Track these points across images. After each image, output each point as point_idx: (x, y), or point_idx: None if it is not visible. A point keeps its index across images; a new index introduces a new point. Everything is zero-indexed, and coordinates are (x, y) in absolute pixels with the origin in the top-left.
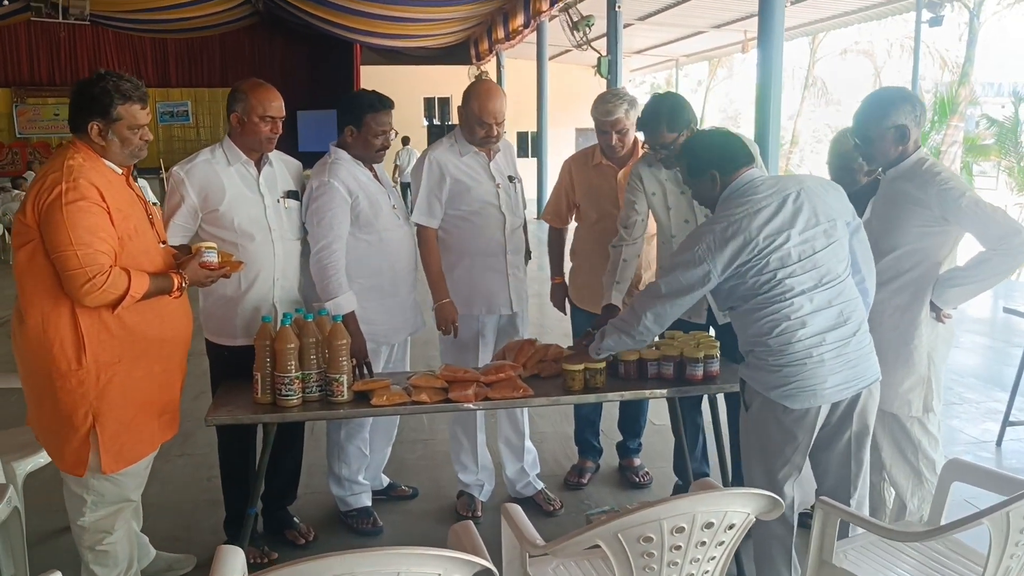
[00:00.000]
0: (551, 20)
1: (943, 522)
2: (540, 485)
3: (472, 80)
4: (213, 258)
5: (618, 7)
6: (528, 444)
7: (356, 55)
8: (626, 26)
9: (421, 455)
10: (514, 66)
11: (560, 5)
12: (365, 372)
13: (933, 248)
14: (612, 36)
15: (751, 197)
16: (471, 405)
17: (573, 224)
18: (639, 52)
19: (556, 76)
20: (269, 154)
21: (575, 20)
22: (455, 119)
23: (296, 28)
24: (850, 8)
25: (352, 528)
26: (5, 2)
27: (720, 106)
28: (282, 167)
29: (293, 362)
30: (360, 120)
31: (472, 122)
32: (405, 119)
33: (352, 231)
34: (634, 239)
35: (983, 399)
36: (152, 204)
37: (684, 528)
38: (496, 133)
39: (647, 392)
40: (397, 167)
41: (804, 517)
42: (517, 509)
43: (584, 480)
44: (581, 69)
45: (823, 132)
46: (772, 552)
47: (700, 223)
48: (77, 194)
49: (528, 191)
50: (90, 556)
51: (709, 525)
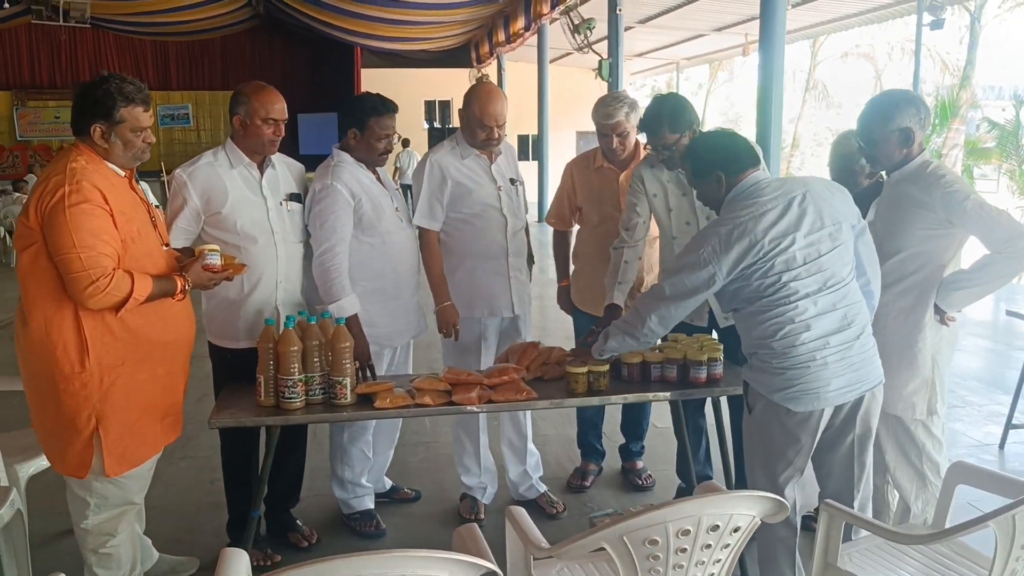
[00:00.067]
0: (552, 23)
1: (948, 525)
2: (543, 488)
3: (473, 83)
4: (216, 260)
5: (619, 10)
6: (531, 447)
7: (357, 58)
8: (627, 29)
9: (423, 458)
10: (515, 69)
11: (561, 8)
12: (368, 375)
13: (937, 251)
14: (613, 39)
15: (756, 199)
16: (474, 408)
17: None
18: (640, 55)
19: (557, 79)
20: (271, 157)
21: (576, 23)
22: (456, 122)
23: (297, 31)
24: (851, 11)
25: (355, 531)
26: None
27: (721, 109)
28: (284, 170)
29: (296, 365)
30: (363, 123)
31: (473, 125)
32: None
33: (355, 234)
34: (635, 241)
35: (985, 402)
36: (154, 207)
37: (690, 531)
38: (497, 136)
39: (651, 395)
40: (398, 169)
41: (807, 520)
42: (522, 512)
43: (587, 483)
44: (582, 72)
45: (824, 135)
46: (776, 555)
47: (703, 225)
48: (80, 196)
49: (528, 194)
50: (93, 559)
51: (715, 528)
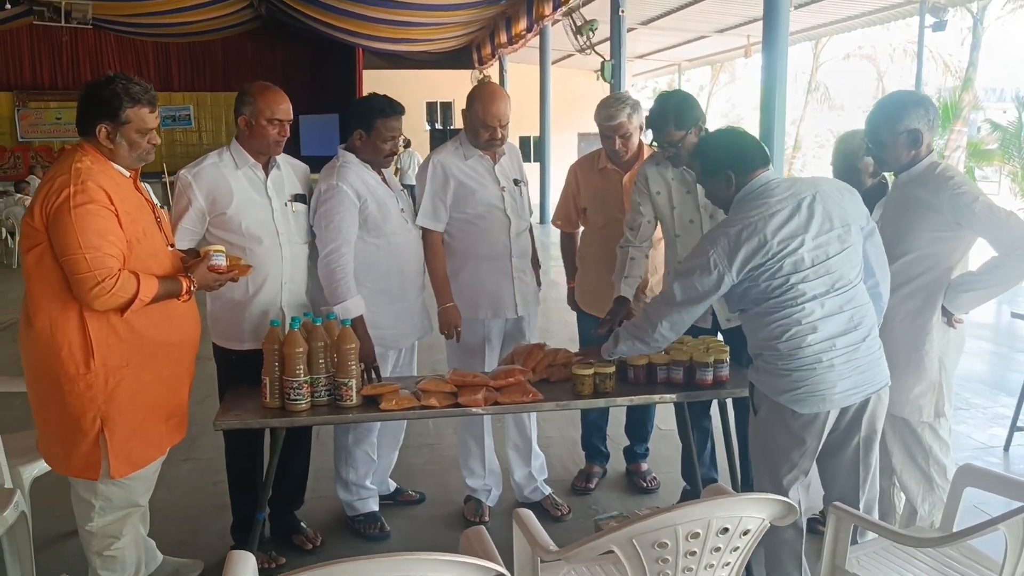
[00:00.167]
0: (554, 24)
1: (955, 527)
2: (548, 490)
3: (475, 84)
4: (221, 261)
5: (622, 11)
6: (536, 449)
7: (358, 59)
8: (629, 30)
9: (428, 460)
10: (516, 70)
11: (563, 10)
12: (373, 376)
13: (945, 253)
14: (615, 40)
15: (766, 200)
16: (480, 409)
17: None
18: (641, 56)
19: (558, 80)
20: (276, 157)
21: (579, 24)
22: (457, 123)
23: (298, 32)
24: (854, 13)
25: (359, 533)
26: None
27: (722, 111)
28: (289, 170)
29: (302, 366)
30: (370, 124)
31: (477, 125)
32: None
33: (360, 235)
34: (641, 242)
35: (989, 404)
36: (159, 207)
37: (699, 534)
38: (501, 136)
39: (657, 397)
40: (399, 169)
41: (812, 523)
42: (529, 515)
43: (591, 485)
44: (583, 74)
45: (825, 137)
46: (782, 557)
47: (707, 223)
48: (85, 197)
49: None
50: (98, 561)
51: (724, 531)
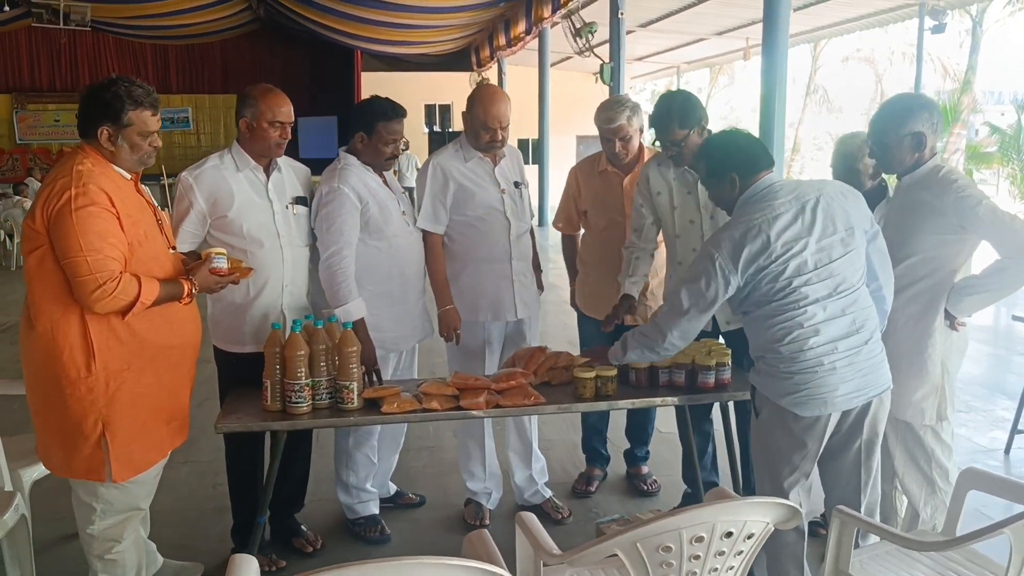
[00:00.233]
0: (553, 27)
1: (959, 531)
2: (548, 493)
3: (473, 87)
4: (223, 264)
5: (621, 14)
6: (537, 452)
7: (357, 61)
8: (628, 33)
9: (427, 463)
10: (515, 73)
11: (562, 12)
12: (375, 379)
13: (949, 256)
14: (615, 43)
15: (770, 202)
16: (482, 412)
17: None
18: (640, 59)
19: (557, 83)
20: (278, 160)
21: (578, 27)
22: (456, 126)
23: (297, 35)
24: (853, 15)
25: (360, 536)
26: (6, 8)
27: (721, 114)
28: (290, 173)
29: (303, 369)
30: (372, 127)
31: (477, 127)
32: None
33: (362, 237)
34: (646, 243)
35: (989, 407)
36: (160, 209)
37: (703, 538)
38: (501, 138)
39: (658, 400)
40: (396, 171)
41: (813, 526)
42: (532, 518)
43: (592, 488)
44: (582, 76)
45: (824, 139)
46: (784, 561)
47: (707, 224)
48: (87, 199)
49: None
50: (99, 565)
51: (728, 535)
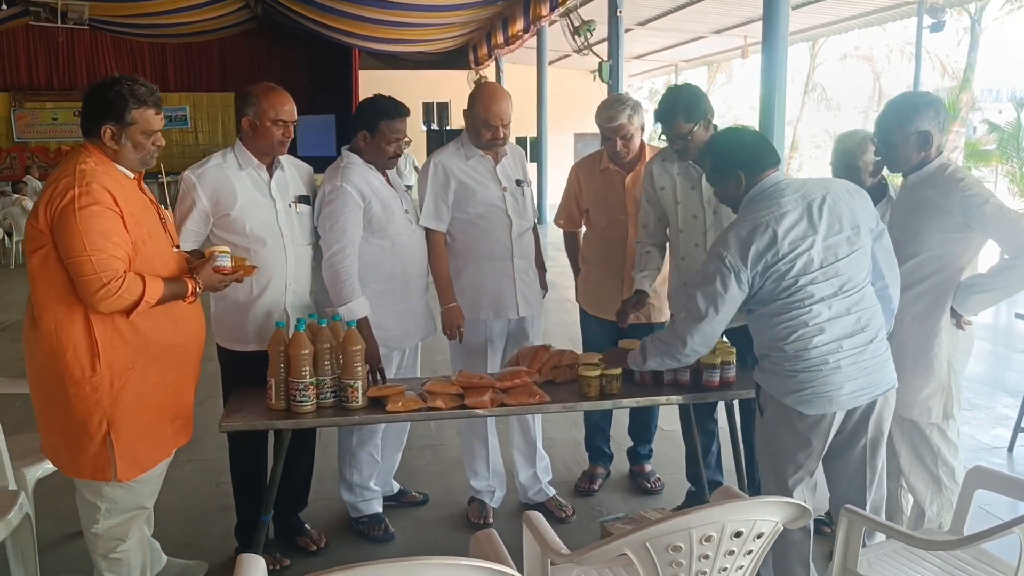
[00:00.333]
0: (551, 25)
1: (966, 529)
2: (552, 491)
3: (472, 85)
4: (227, 262)
5: (619, 12)
6: (540, 450)
7: (355, 60)
8: (626, 31)
9: (430, 461)
10: (513, 71)
11: (560, 10)
12: (378, 378)
13: (955, 255)
14: (613, 41)
15: (777, 200)
16: (486, 411)
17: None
18: (638, 57)
19: (555, 81)
20: (280, 158)
21: (576, 25)
22: (454, 124)
23: (294, 33)
24: (851, 13)
25: (364, 534)
26: (3, 6)
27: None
28: (293, 171)
29: (307, 368)
30: (374, 126)
31: (478, 124)
32: None
33: (365, 236)
34: (653, 238)
35: (991, 405)
36: (163, 208)
37: (713, 537)
38: (503, 135)
39: (663, 398)
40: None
41: (818, 524)
42: (540, 517)
43: (595, 486)
44: (580, 74)
45: (822, 137)
46: (791, 559)
47: (710, 219)
48: (90, 199)
49: None
50: (103, 564)
51: (738, 534)
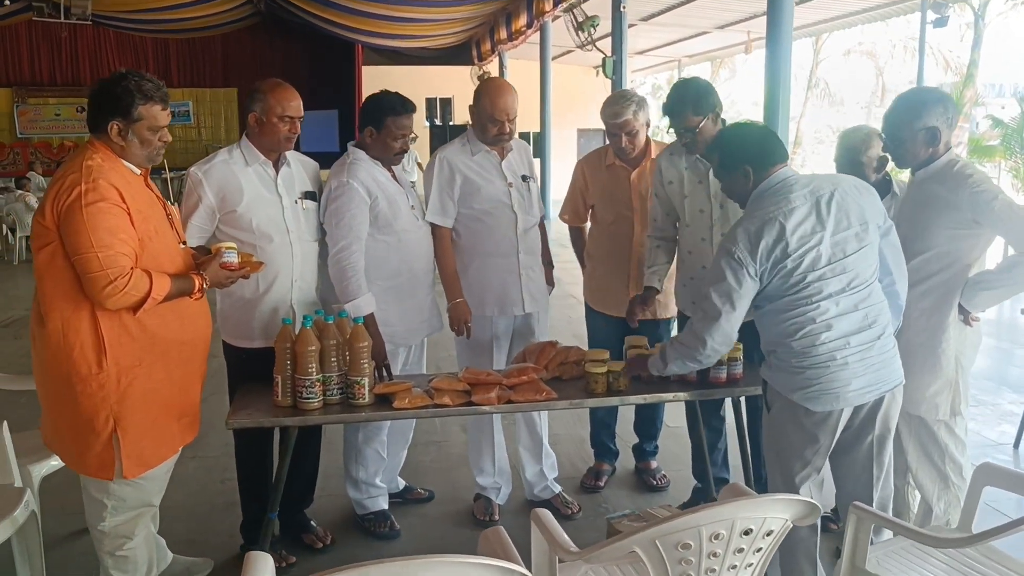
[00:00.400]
0: (554, 20)
1: (974, 526)
2: (558, 488)
3: (475, 81)
4: (233, 259)
5: (623, 7)
6: (547, 447)
7: (357, 55)
8: (629, 26)
9: (435, 458)
10: (516, 67)
11: (564, 6)
12: (385, 375)
13: (963, 251)
14: (617, 36)
15: (785, 196)
16: (493, 408)
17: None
18: (641, 53)
19: (558, 76)
20: (287, 154)
21: (580, 20)
22: (457, 119)
23: (297, 28)
24: (854, 8)
25: (369, 531)
26: (6, 2)
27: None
28: (299, 167)
29: (314, 364)
30: (380, 122)
31: (484, 120)
32: None
33: (371, 232)
34: (662, 233)
35: (996, 401)
36: (170, 204)
37: (722, 535)
38: (508, 130)
39: (670, 395)
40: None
41: (824, 521)
42: (548, 514)
43: (601, 483)
44: (583, 70)
45: (825, 133)
46: (799, 557)
47: (716, 213)
48: (97, 195)
49: None
50: (110, 561)
51: (748, 532)
